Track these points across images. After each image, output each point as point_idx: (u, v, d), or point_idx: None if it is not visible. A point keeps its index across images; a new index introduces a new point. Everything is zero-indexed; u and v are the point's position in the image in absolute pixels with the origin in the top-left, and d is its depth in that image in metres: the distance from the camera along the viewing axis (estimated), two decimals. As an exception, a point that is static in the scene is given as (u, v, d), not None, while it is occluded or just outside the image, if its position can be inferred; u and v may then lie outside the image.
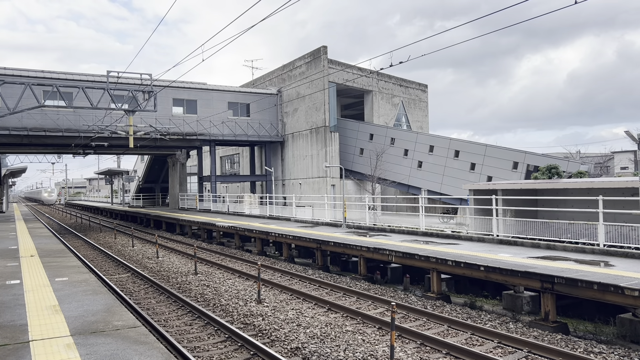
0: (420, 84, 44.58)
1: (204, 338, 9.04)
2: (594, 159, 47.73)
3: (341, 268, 17.26)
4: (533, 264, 10.56)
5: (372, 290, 12.90)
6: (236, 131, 37.11)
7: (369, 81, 39.00)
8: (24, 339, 6.29)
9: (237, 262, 17.97)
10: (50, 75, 30.92)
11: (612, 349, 8.09)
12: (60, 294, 8.85)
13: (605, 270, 9.72)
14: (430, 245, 14.09)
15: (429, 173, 32.73)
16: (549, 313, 9.47)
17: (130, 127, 22.27)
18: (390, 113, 40.74)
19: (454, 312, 10.62)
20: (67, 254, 14.56)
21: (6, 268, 11.71)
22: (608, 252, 11.80)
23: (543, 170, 24.51)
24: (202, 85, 37.54)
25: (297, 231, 19.01)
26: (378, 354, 7.84)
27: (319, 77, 34.92)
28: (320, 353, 7.94)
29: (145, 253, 20.65)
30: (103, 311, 7.67)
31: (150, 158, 48.72)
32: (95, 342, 6.15)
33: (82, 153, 36.15)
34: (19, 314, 7.50)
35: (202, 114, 36.10)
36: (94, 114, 30.90)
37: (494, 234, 14.84)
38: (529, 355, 7.81)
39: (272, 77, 41.40)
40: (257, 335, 9.14)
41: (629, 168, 43.15)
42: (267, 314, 10.46)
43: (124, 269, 16.92)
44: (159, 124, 32.54)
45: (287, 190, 39.03)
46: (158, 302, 12.03)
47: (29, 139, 30.78)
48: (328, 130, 35.25)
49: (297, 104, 37.85)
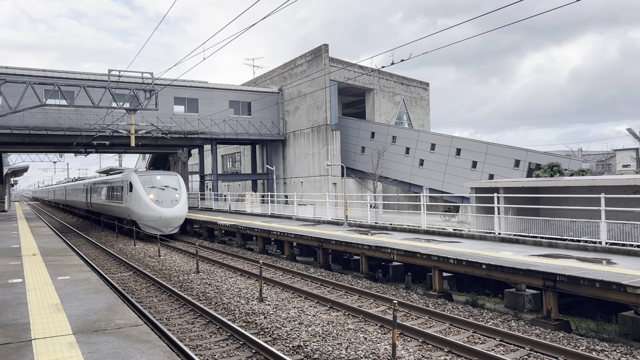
0: (422, 82, 44.53)
1: (205, 336, 9.05)
2: (596, 156, 47.63)
3: (343, 266, 17.26)
4: (535, 262, 10.54)
5: (373, 289, 12.89)
6: (237, 130, 37.12)
7: (371, 79, 38.97)
8: (26, 337, 6.30)
9: (238, 261, 17.99)
10: (52, 74, 30.98)
11: (614, 347, 8.07)
12: (62, 293, 8.87)
13: (607, 268, 9.70)
14: (431, 244, 14.08)
15: (431, 171, 32.69)
16: (551, 311, 9.46)
17: (132, 126, 22.27)
18: (391, 111, 40.70)
19: (456, 310, 10.61)
20: (69, 253, 14.58)
21: (8, 267, 11.74)
22: (610, 250, 11.77)
23: (545, 168, 24.47)
24: (204, 83, 37.54)
25: (298, 229, 19.02)
26: (380, 352, 7.84)
27: (320, 76, 34.90)
28: (322, 351, 7.94)
29: (147, 252, 20.67)
30: (105, 310, 7.69)
31: (151, 157, 48.78)
32: (97, 341, 6.16)
33: (84, 152, 36.16)
34: (21, 312, 7.51)
35: (204, 112, 36.11)
36: (96, 112, 30.94)
37: (496, 232, 14.82)
38: (531, 353, 7.80)
39: (274, 76, 41.39)
40: (258, 333, 9.15)
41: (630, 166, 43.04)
42: (269, 312, 10.46)
43: (126, 268, 16.94)
44: (161, 122, 32.56)
45: (288, 189, 39.04)
46: (160, 300, 12.05)
47: (31, 138, 30.83)
48: (329, 129, 35.23)
49: (299, 103, 37.83)
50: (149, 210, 23.76)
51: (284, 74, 39.88)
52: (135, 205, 24.27)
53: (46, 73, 31.09)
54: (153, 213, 23.71)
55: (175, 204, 24.27)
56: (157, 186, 24.50)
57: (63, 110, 30.71)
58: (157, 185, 24.55)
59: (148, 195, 23.90)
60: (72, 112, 30.90)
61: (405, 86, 42.51)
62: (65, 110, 30.78)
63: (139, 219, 24.15)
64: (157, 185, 24.60)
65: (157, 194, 24.06)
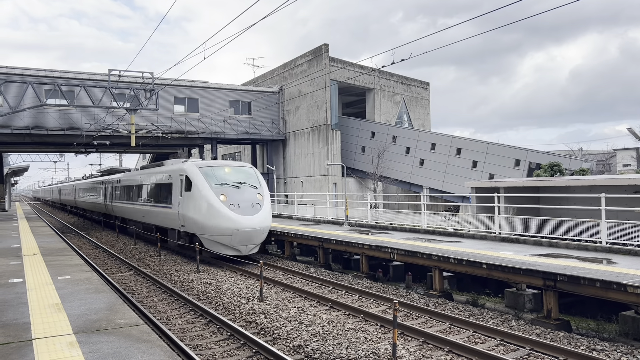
0: (422, 82, 44.53)
1: (206, 336, 9.05)
2: (596, 156, 47.60)
3: (343, 266, 17.26)
4: (535, 261, 10.54)
5: (374, 288, 12.89)
6: (238, 129, 37.12)
7: (371, 79, 38.96)
8: (26, 337, 6.30)
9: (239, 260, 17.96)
10: (52, 74, 30.99)
11: (614, 346, 8.07)
12: (63, 292, 8.87)
13: (607, 268, 9.70)
14: (432, 243, 14.08)
15: (431, 171, 32.69)
16: (552, 311, 9.46)
17: (132, 126, 22.27)
18: (392, 111, 40.70)
19: (456, 310, 10.61)
20: (69, 253, 14.59)
21: (9, 267, 11.74)
22: (611, 250, 11.77)
23: (545, 168, 24.47)
24: (204, 83, 37.55)
25: (299, 229, 19.01)
26: (380, 352, 7.84)
27: (321, 75, 34.90)
28: (322, 351, 7.94)
29: (147, 251, 20.68)
30: (105, 309, 7.69)
31: (151, 157, 48.75)
32: (97, 340, 6.16)
33: (84, 152, 36.13)
34: (22, 312, 7.51)
35: (204, 112, 36.12)
36: (96, 112, 30.95)
37: (496, 231, 14.82)
38: (531, 352, 7.80)
39: (274, 76, 41.38)
40: (259, 333, 9.16)
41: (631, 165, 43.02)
42: (269, 312, 10.46)
43: (126, 267, 16.94)
44: (161, 122, 32.58)
45: (288, 189, 39.04)
46: (160, 300, 12.05)
47: (31, 137, 30.83)
48: (330, 129, 35.23)
49: (299, 102, 37.84)
50: (220, 219, 15.84)
51: (284, 73, 39.88)
52: (195, 210, 16.59)
53: (46, 73, 31.10)
54: (227, 223, 15.78)
55: (258, 209, 16.55)
56: (229, 183, 16.82)
57: (63, 110, 30.73)
58: (228, 182, 16.84)
59: (217, 196, 16.19)
60: (72, 112, 30.91)
61: (406, 86, 42.51)
62: (66, 110, 30.79)
63: (203, 232, 16.42)
64: (228, 181, 16.90)
65: (230, 195, 16.36)
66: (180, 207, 17.55)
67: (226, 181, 16.79)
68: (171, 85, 31.94)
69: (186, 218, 17.15)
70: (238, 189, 16.71)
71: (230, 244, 16.01)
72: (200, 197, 16.39)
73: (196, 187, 16.62)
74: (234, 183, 16.84)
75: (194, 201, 16.67)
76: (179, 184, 17.90)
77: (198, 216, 16.41)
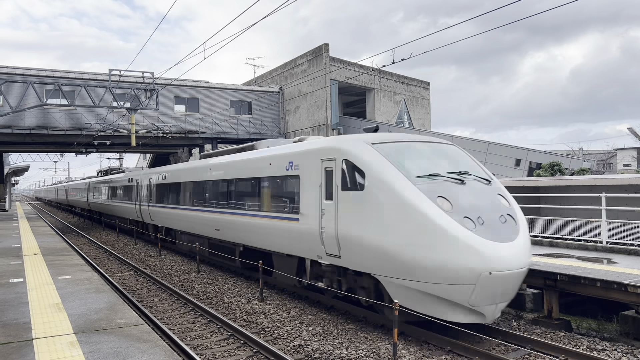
0: (423, 82, 44.52)
1: (206, 336, 9.05)
2: (597, 156, 47.62)
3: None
4: (536, 261, 10.53)
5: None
6: (238, 129, 37.12)
7: (371, 79, 38.96)
8: (27, 336, 6.31)
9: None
10: (53, 73, 31.00)
11: (615, 346, 8.07)
12: (64, 292, 8.88)
13: (608, 268, 9.70)
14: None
15: (431, 170, 32.63)
16: (552, 310, 9.46)
17: (133, 126, 22.29)
18: (392, 111, 40.69)
19: (457, 310, 10.59)
20: (70, 252, 14.60)
21: (9, 266, 11.75)
22: (611, 250, 11.77)
23: (545, 168, 24.47)
24: (204, 83, 37.57)
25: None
26: (380, 352, 7.84)
27: (321, 75, 34.89)
28: (322, 350, 7.94)
29: (148, 251, 20.69)
30: (106, 309, 7.69)
31: (152, 156, 48.74)
32: (98, 340, 6.17)
33: (85, 151, 36.15)
34: (23, 312, 7.52)
35: (204, 112, 36.13)
36: (96, 112, 30.93)
37: (497, 231, 14.78)
38: (531, 352, 7.79)
39: (274, 75, 41.39)
40: (259, 333, 9.15)
41: (631, 165, 43.03)
42: (270, 311, 10.46)
43: (127, 267, 16.95)
44: (161, 122, 32.59)
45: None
46: (161, 300, 12.05)
47: (32, 137, 30.83)
48: (330, 128, 35.22)
49: (299, 102, 37.84)
50: (448, 249, 7.52)
51: (284, 73, 39.88)
52: (378, 228, 8.30)
53: (47, 73, 31.10)
54: (467, 258, 7.43)
55: (514, 228, 8.21)
56: (443, 174, 8.47)
57: (64, 109, 30.72)
58: (440, 172, 8.53)
59: (433, 199, 7.88)
60: (72, 111, 30.91)
61: (406, 85, 42.50)
62: (66, 110, 30.79)
63: (396, 273, 8.06)
64: (438, 170, 8.61)
65: (455, 198, 8.05)
66: (327, 219, 9.47)
67: (435, 171, 8.58)
68: (171, 85, 31.94)
69: (347, 241, 8.93)
70: (463, 185, 8.42)
71: (470, 301, 7.66)
72: (394, 203, 8.14)
73: (381, 182, 8.38)
74: (452, 174, 8.57)
75: (374, 210, 8.44)
76: (321, 178, 9.77)
77: (387, 240, 8.11)
